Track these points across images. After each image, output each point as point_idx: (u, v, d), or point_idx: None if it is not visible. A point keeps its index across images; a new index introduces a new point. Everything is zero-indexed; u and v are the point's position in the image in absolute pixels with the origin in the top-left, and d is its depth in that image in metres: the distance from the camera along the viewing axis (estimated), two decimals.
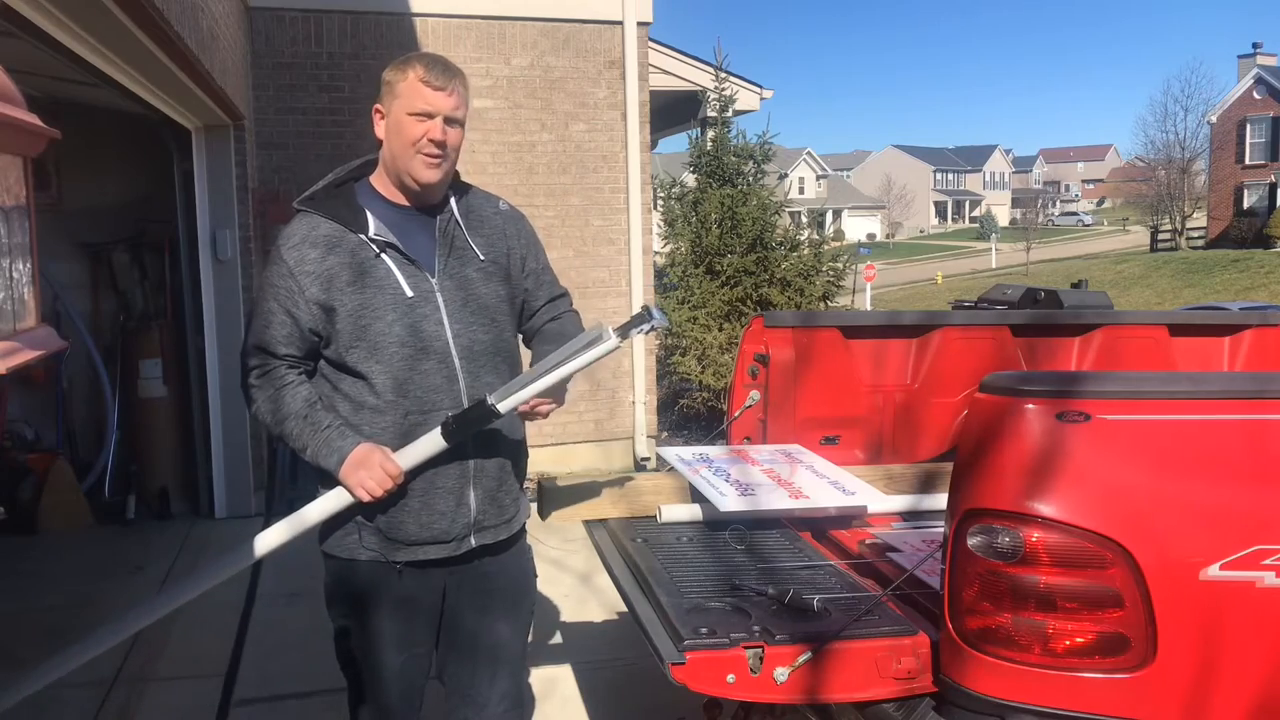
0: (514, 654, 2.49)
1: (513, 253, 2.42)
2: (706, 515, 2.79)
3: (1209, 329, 3.96)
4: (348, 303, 2.20)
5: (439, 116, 2.22)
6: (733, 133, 10.14)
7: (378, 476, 2.17)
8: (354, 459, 2.18)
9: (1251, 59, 42.70)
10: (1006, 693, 1.90)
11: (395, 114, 2.24)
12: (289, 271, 2.21)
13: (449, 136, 2.24)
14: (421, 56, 2.27)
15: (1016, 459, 1.90)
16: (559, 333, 2.48)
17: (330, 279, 2.20)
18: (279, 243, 2.27)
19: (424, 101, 2.21)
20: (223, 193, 6.24)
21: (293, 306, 2.21)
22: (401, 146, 2.23)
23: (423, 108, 2.21)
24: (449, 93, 2.23)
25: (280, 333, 2.22)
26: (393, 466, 2.18)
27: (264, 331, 2.23)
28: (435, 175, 2.26)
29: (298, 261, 2.21)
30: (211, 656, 4.20)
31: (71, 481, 6.21)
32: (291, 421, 2.21)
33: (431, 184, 2.27)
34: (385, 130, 2.27)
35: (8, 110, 1.71)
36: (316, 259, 2.21)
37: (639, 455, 7.88)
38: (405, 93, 2.22)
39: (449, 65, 2.27)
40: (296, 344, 2.24)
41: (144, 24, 3.67)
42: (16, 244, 1.84)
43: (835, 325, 3.50)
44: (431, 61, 2.25)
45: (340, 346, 2.23)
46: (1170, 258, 37.91)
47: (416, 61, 2.24)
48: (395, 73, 2.25)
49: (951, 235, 72.08)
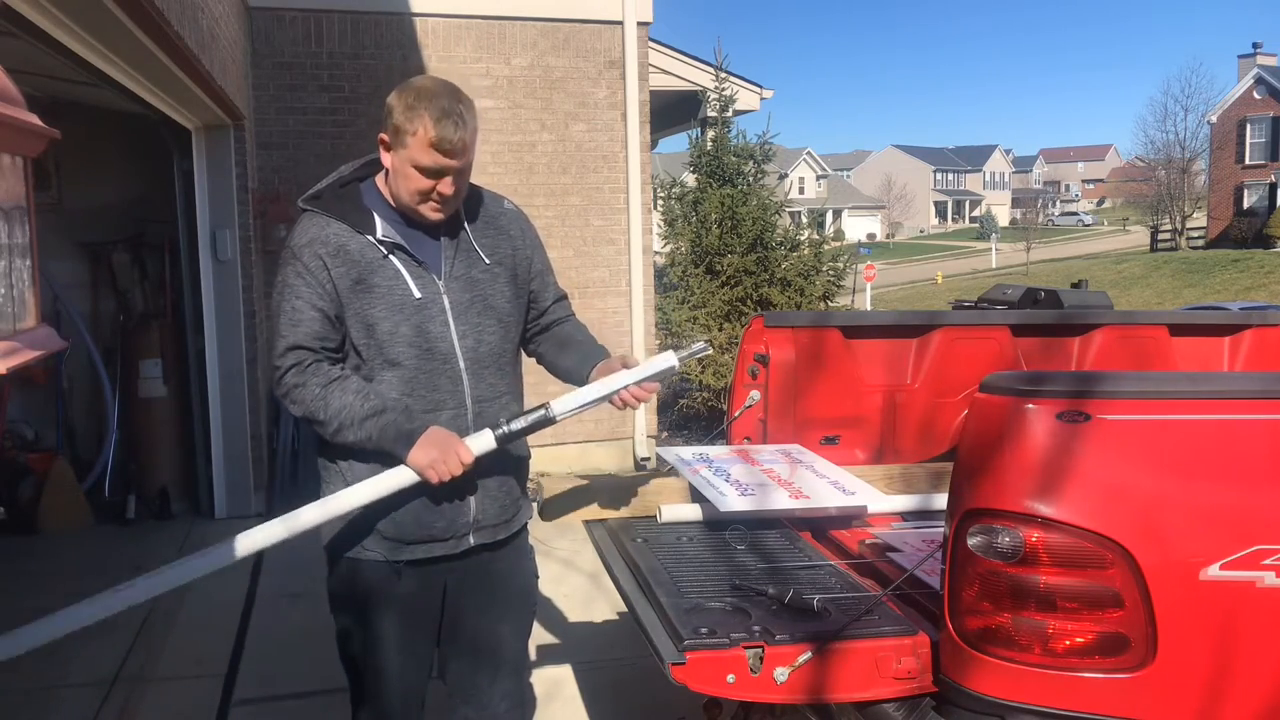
0: (515, 653, 2.49)
1: (519, 253, 2.41)
2: (707, 515, 2.79)
3: (1209, 329, 3.96)
4: (355, 303, 2.20)
5: (449, 175, 2.17)
6: (733, 133, 10.15)
7: (452, 463, 2.16)
8: (429, 439, 2.16)
9: (1251, 59, 42.70)
10: (1007, 693, 1.90)
11: (402, 160, 2.16)
12: (305, 268, 2.19)
13: (459, 184, 2.20)
14: (433, 103, 2.12)
15: (1016, 459, 1.90)
16: (570, 337, 2.49)
17: (340, 278, 2.19)
18: (290, 242, 2.25)
19: (434, 162, 2.14)
20: (223, 193, 6.24)
21: (317, 300, 2.19)
22: (408, 193, 2.19)
23: (432, 166, 2.14)
24: (462, 152, 2.14)
25: (313, 328, 2.19)
26: (466, 453, 2.18)
27: (294, 329, 2.19)
28: (441, 218, 2.24)
29: (312, 257, 2.19)
30: (211, 656, 4.20)
31: (71, 481, 6.21)
32: (349, 411, 2.16)
33: (438, 224, 2.26)
34: (391, 165, 2.20)
35: (8, 110, 1.71)
36: (328, 255, 2.20)
37: (639, 455, 7.88)
38: (414, 146, 2.13)
39: (461, 116, 2.13)
40: (331, 336, 2.21)
41: (144, 24, 3.67)
42: (16, 244, 1.84)
43: (835, 325, 3.50)
44: (442, 114, 2.11)
45: (347, 345, 2.23)
46: (1170, 258, 37.92)
47: (427, 113, 2.10)
48: (404, 117, 2.12)
49: (951, 235, 72.09)
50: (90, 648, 4.28)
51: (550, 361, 2.52)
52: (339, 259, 2.20)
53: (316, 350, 2.21)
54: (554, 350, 2.50)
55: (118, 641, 4.33)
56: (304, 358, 2.20)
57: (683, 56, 9.42)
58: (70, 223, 6.53)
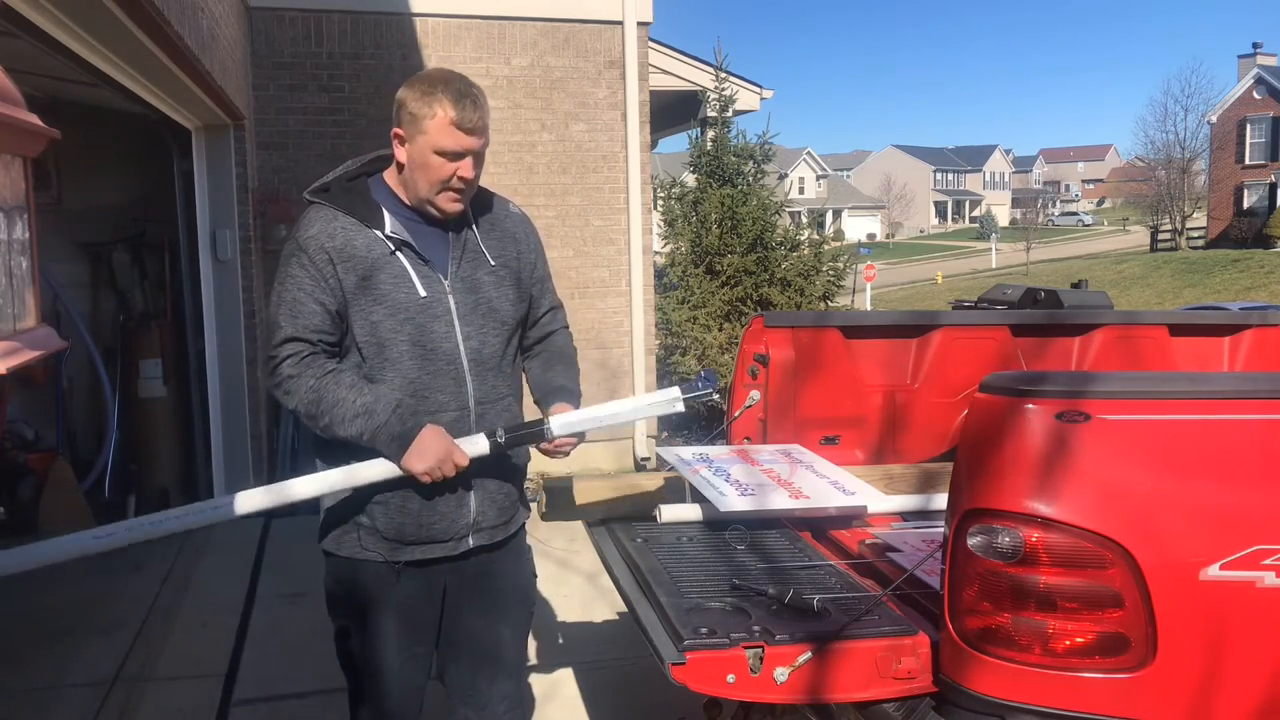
0: (514, 654, 2.49)
1: (523, 258, 2.40)
2: (706, 515, 2.79)
3: (1209, 329, 3.96)
4: (359, 300, 2.19)
5: (469, 156, 2.18)
6: (733, 133, 10.15)
7: (446, 467, 2.16)
8: (423, 445, 2.14)
9: (1251, 59, 42.70)
10: (1006, 693, 1.90)
11: (420, 148, 2.16)
12: (310, 260, 2.17)
13: (478, 168, 2.21)
14: (447, 86, 2.15)
15: (1016, 459, 1.90)
16: (558, 355, 2.49)
17: (345, 274, 2.18)
18: (296, 233, 2.22)
19: (456, 143, 2.15)
20: (223, 193, 6.24)
21: (319, 294, 2.17)
22: (428, 183, 2.19)
23: (454, 149, 2.15)
24: (482, 131, 2.17)
25: (313, 321, 2.18)
26: (461, 457, 2.17)
27: (294, 321, 2.17)
28: (460, 208, 2.24)
29: (318, 250, 2.17)
30: (211, 656, 4.20)
31: (71, 481, 6.20)
32: (342, 407, 2.14)
33: (456, 214, 2.26)
34: (407, 159, 2.20)
35: (8, 110, 1.71)
36: (334, 250, 2.18)
37: (639, 455, 7.88)
38: (434, 130, 2.13)
39: (476, 98, 2.17)
40: (331, 330, 2.20)
41: (144, 24, 3.67)
42: (16, 244, 1.84)
43: (835, 325, 3.50)
44: (459, 96, 2.14)
45: (350, 343, 2.22)
46: (1170, 258, 37.92)
47: (444, 95, 2.13)
48: (420, 104, 2.14)
49: (951, 235, 72.07)
50: (90, 648, 4.29)
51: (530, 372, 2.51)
52: (345, 254, 2.18)
53: (314, 343, 2.19)
54: (543, 370, 2.49)
55: (118, 641, 4.34)
56: (301, 349, 2.18)
57: (683, 56, 9.42)
58: (70, 223, 6.53)
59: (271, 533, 5.86)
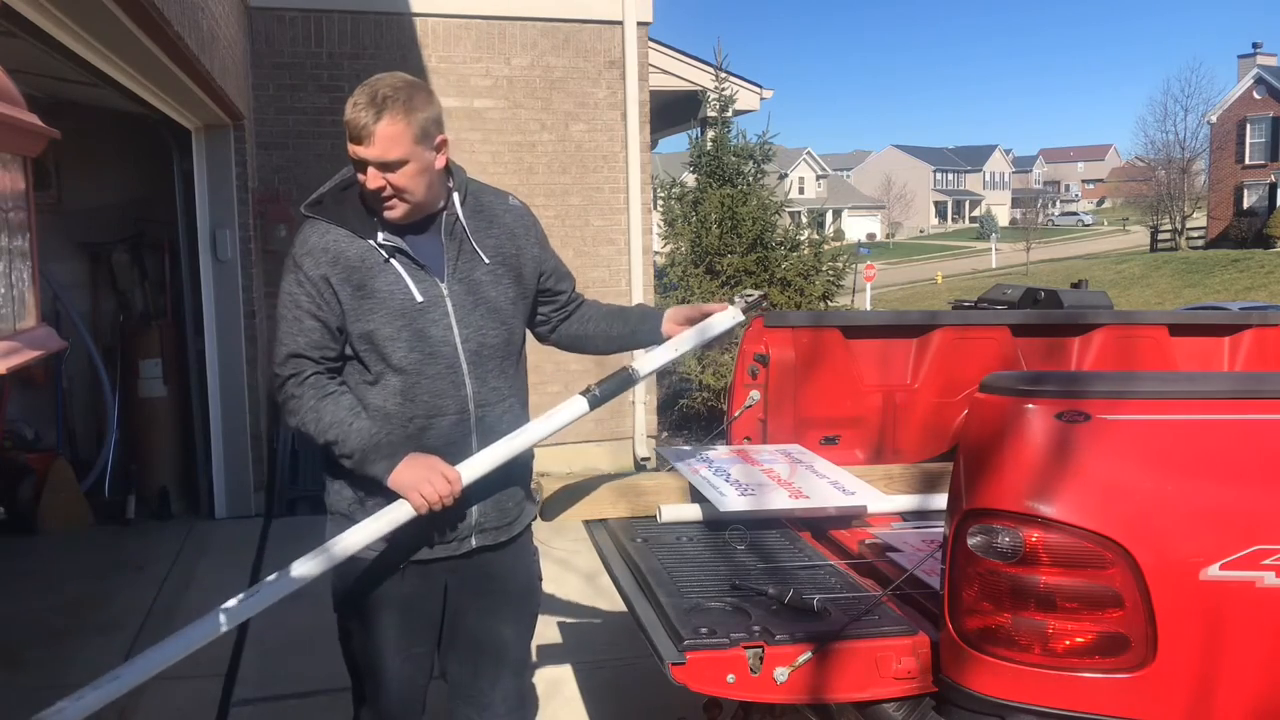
0: (517, 655, 2.49)
1: (524, 252, 2.39)
2: (707, 515, 2.79)
3: (1209, 329, 3.96)
4: (357, 310, 2.20)
5: (368, 166, 2.14)
6: (733, 133, 10.14)
7: (438, 485, 2.13)
8: (408, 464, 2.15)
9: (1251, 59, 42.70)
10: (1006, 693, 1.90)
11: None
12: (306, 277, 2.20)
13: (393, 180, 2.13)
14: (359, 91, 2.11)
15: (1016, 459, 1.90)
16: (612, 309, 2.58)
17: (341, 287, 2.19)
18: (293, 250, 2.25)
19: (351, 150, 2.14)
20: (223, 193, 6.24)
21: (316, 310, 2.19)
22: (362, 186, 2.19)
23: (352, 156, 2.14)
24: (369, 142, 2.09)
25: (312, 337, 2.20)
26: (452, 474, 2.16)
27: (294, 338, 2.20)
28: (395, 215, 2.21)
29: (313, 266, 2.20)
30: (211, 656, 4.20)
31: (71, 481, 6.21)
32: (337, 429, 2.17)
33: (398, 221, 2.22)
34: None
35: (8, 110, 1.71)
36: (329, 265, 2.20)
37: (639, 455, 7.88)
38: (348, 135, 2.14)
39: (379, 105, 2.08)
40: (330, 345, 2.22)
41: (144, 24, 3.67)
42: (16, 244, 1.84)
43: (835, 325, 3.50)
44: (355, 103, 2.10)
45: (350, 353, 2.24)
46: (1170, 258, 37.90)
47: (350, 100, 2.11)
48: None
49: (951, 235, 72.08)
50: (90, 648, 4.29)
51: (594, 332, 2.55)
52: (339, 268, 2.20)
53: (316, 360, 2.22)
54: (602, 322, 2.55)
55: (118, 641, 4.34)
56: (303, 367, 2.21)
57: (683, 56, 9.42)
58: (70, 223, 6.52)
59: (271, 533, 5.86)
